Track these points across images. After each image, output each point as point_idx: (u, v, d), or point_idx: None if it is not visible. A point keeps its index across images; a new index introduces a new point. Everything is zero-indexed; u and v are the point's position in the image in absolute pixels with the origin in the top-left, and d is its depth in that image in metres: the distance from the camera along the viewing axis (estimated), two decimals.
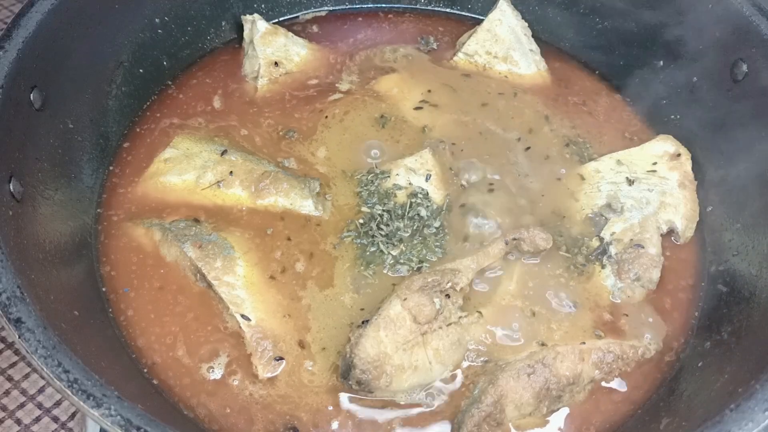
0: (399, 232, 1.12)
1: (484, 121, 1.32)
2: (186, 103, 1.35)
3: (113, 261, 1.12)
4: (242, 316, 1.02)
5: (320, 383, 1.00)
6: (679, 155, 1.22)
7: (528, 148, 1.28)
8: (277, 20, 1.52)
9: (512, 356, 1.01)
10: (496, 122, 1.32)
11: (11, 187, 0.94)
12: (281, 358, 1.01)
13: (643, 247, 1.11)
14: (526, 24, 1.45)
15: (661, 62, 1.33)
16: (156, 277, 1.10)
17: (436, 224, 1.13)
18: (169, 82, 1.38)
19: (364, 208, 1.15)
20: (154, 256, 1.12)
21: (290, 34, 1.44)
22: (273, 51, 1.39)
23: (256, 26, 1.41)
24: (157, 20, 1.34)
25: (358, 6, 1.58)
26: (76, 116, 1.14)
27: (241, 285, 1.05)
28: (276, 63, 1.38)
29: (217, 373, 1.00)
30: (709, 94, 1.24)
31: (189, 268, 1.08)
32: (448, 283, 1.02)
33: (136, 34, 1.30)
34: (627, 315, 1.09)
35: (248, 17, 1.43)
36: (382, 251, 1.10)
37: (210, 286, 1.05)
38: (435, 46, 1.48)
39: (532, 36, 1.45)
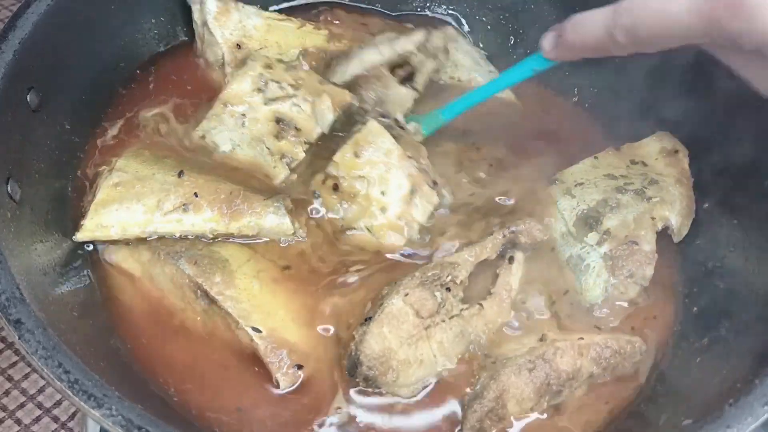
0: None
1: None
2: (184, 104, 1.31)
3: (108, 269, 1.09)
4: (253, 328, 0.99)
5: (332, 384, 0.99)
6: (676, 152, 1.22)
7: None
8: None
9: (513, 351, 1.01)
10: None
11: (9, 189, 0.94)
12: (301, 366, 0.99)
13: (637, 244, 1.12)
14: (479, 47, 1.46)
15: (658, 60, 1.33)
16: (153, 298, 1.06)
17: None
18: (170, 85, 1.34)
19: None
20: (144, 280, 1.07)
21: (240, 5, 1.30)
22: (231, 31, 1.27)
23: (206, 6, 1.26)
24: (153, 20, 1.33)
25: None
26: (73, 117, 1.14)
27: (244, 298, 1.02)
28: (238, 45, 1.27)
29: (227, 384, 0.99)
30: (704, 90, 1.24)
31: (188, 286, 1.03)
32: (447, 276, 1.02)
33: (133, 35, 1.30)
34: (624, 311, 1.09)
35: None
36: None
37: (213, 302, 1.01)
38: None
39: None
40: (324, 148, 1.16)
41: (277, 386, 0.98)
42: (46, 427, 1.20)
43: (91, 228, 1.04)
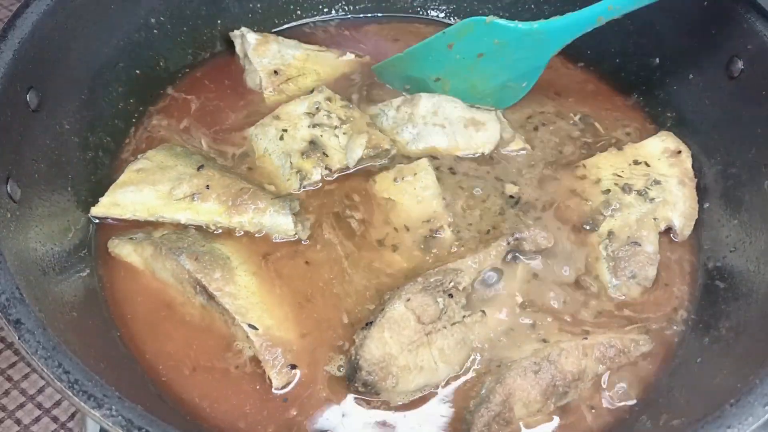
0: None
1: None
2: (187, 108, 1.34)
3: (109, 266, 1.11)
4: (249, 325, 1.00)
5: (327, 387, 0.99)
6: (679, 152, 1.22)
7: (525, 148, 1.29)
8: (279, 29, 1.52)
9: (517, 354, 1.01)
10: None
11: (8, 189, 0.94)
12: (295, 366, 0.99)
13: (639, 245, 1.12)
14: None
15: (657, 60, 1.34)
16: (153, 293, 1.08)
17: None
18: (169, 85, 1.37)
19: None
20: (147, 273, 1.10)
21: (280, 38, 1.42)
22: (269, 60, 1.38)
23: (246, 39, 1.38)
24: (152, 20, 1.33)
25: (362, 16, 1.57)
26: (73, 117, 1.14)
27: (243, 295, 1.03)
28: (276, 71, 1.37)
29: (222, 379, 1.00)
30: (705, 90, 1.24)
31: (188, 281, 1.05)
32: (450, 282, 1.02)
33: (132, 34, 1.29)
34: (626, 311, 1.09)
35: (236, 32, 1.41)
36: None
37: (212, 298, 1.02)
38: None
39: None
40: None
41: (271, 385, 0.98)
42: (46, 428, 1.20)
43: (106, 205, 1.13)
